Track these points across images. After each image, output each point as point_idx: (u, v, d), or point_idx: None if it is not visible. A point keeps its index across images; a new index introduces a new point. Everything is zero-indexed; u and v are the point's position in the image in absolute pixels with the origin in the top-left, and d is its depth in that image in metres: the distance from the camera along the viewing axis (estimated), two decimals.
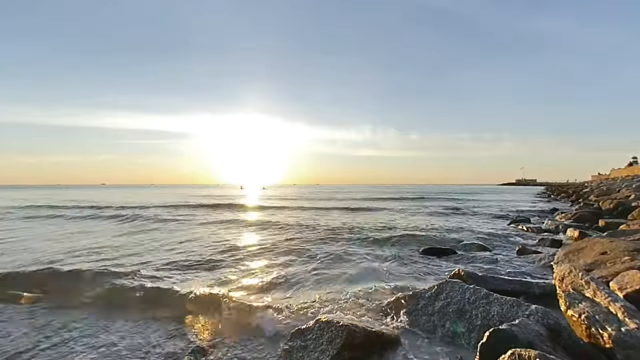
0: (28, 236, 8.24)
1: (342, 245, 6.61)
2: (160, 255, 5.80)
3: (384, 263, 5.12)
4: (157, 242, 7.26)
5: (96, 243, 7.08)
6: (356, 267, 4.88)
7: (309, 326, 2.44)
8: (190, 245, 6.80)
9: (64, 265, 4.85)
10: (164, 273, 4.55)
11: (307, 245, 6.60)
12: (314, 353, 2.24)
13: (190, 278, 4.34)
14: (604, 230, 6.17)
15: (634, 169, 42.14)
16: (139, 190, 59.46)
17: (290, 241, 7.13)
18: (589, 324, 1.86)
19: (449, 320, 2.57)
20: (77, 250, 6.18)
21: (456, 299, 2.69)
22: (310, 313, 3.04)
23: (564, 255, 4.10)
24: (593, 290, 2.11)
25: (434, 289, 2.88)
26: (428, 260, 5.23)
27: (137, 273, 4.38)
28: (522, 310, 2.35)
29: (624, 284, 2.39)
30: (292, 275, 4.40)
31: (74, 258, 5.52)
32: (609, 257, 3.40)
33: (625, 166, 47.99)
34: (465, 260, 5.20)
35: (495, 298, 2.57)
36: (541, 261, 4.76)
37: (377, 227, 9.36)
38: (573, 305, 2.04)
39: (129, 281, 4.06)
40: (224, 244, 6.85)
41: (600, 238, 4.35)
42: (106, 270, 4.43)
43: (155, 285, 3.91)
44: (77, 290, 3.82)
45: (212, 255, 5.64)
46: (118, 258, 5.50)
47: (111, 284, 3.98)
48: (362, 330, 2.35)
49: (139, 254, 5.87)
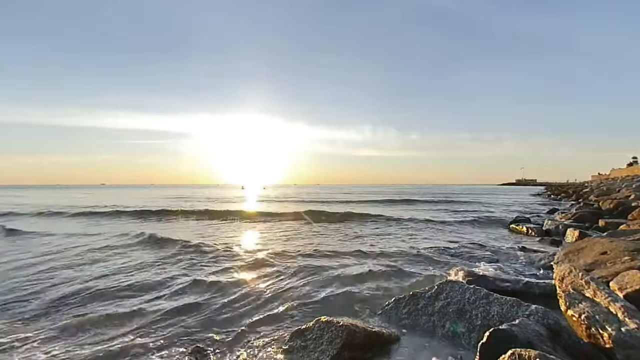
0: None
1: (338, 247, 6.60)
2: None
3: (384, 261, 5.12)
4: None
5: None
6: (356, 266, 4.88)
7: (309, 326, 2.45)
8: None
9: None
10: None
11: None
12: (314, 353, 2.24)
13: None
14: (604, 230, 6.17)
15: (634, 169, 42.13)
16: (139, 190, 59.43)
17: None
18: (589, 324, 1.86)
19: (449, 320, 2.57)
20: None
21: (456, 299, 2.69)
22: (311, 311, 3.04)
23: (564, 255, 4.10)
24: (593, 290, 2.11)
25: (434, 289, 2.88)
26: (428, 260, 5.22)
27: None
28: (522, 310, 2.35)
29: (624, 284, 2.39)
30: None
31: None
32: (609, 257, 3.40)
33: (625, 166, 47.98)
34: (465, 260, 5.20)
35: (495, 298, 2.57)
36: (541, 261, 4.76)
37: (376, 233, 9.35)
38: (573, 305, 2.04)
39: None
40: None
41: (600, 238, 4.35)
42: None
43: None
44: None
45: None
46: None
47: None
48: (362, 330, 2.35)
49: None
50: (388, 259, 5.37)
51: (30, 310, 3.30)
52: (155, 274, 4.59)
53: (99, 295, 3.70)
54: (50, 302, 3.50)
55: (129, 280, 4.20)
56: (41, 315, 3.20)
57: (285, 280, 4.19)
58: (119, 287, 3.95)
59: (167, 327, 2.89)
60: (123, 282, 4.15)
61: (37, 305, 3.43)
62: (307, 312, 3.13)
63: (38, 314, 3.22)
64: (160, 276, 4.42)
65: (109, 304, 3.44)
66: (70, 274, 4.57)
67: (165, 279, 4.30)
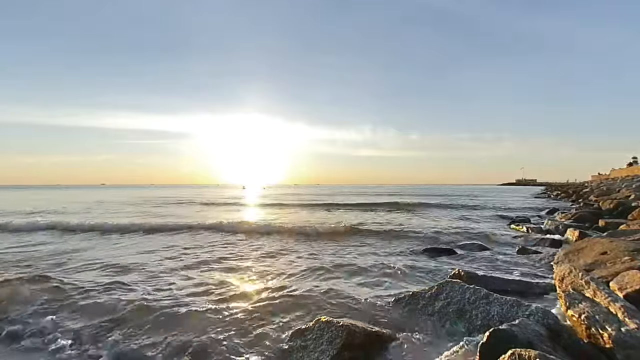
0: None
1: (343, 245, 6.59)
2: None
3: (385, 261, 5.12)
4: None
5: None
6: (356, 265, 4.88)
7: (309, 326, 2.45)
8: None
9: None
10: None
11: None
12: (314, 353, 2.24)
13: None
14: (604, 230, 6.16)
15: (634, 169, 42.12)
16: (140, 190, 59.44)
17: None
18: (589, 324, 1.86)
19: (449, 320, 2.57)
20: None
21: (456, 299, 2.69)
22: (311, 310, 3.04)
23: (564, 255, 4.10)
24: (593, 290, 2.11)
25: (434, 289, 2.88)
26: (428, 260, 5.23)
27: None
28: (522, 310, 2.35)
29: (624, 284, 2.39)
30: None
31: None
32: (609, 257, 3.40)
33: (626, 166, 47.99)
34: (465, 260, 5.20)
35: (495, 298, 2.57)
36: (541, 261, 4.76)
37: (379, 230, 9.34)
38: (573, 305, 2.04)
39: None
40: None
41: (600, 238, 4.35)
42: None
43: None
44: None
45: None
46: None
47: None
48: (362, 330, 2.35)
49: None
50: (383, 259, 5.35)
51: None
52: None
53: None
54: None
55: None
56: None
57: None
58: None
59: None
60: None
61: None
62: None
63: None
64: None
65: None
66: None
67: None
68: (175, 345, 2.53)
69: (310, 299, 3.44)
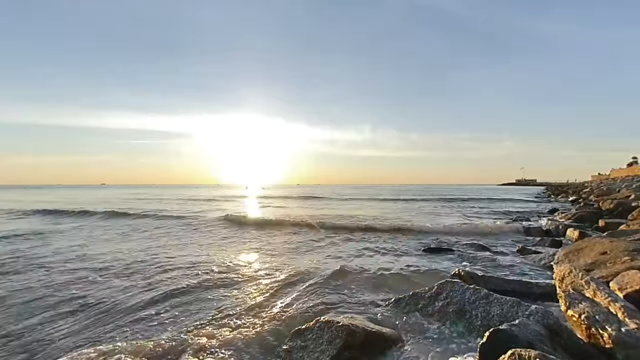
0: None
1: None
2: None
3: (385, 260, 5.12)
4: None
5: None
6: (355, 264, 4.87)
7: (309, 326, 2.44)
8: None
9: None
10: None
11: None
12: (314, 353, 2.24)
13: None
14: (604, 230, 6.16)
15: (634, 169, 42.13)
16: (140, 190, 59.36)
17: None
18: (589, 324, 1.85)
19: (449, 320, 2.57)
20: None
21: (456, 299, 2.69)
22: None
23: (564, 255, 4.10)
24: (593, 290, 2.11)
25: (434, 289, 2.88)
26: (428, 260, 5.23)
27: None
28: (522, 310, 2.35)
29: (624, 284, 2.39)
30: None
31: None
32: (609, 257, 3.40)
33: (626, 166, 47.98)
34: (465, 260, 5.20)
35: (495, 298, 2.57)
36: (541, 261, 4.76)
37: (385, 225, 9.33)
38: (573, 305, 2.03)
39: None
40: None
41: (600, 238, 4.34)
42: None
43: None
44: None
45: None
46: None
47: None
48: (362, 330, 2.35)
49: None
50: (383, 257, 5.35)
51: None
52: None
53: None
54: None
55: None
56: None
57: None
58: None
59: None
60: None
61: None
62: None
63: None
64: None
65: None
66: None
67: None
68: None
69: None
